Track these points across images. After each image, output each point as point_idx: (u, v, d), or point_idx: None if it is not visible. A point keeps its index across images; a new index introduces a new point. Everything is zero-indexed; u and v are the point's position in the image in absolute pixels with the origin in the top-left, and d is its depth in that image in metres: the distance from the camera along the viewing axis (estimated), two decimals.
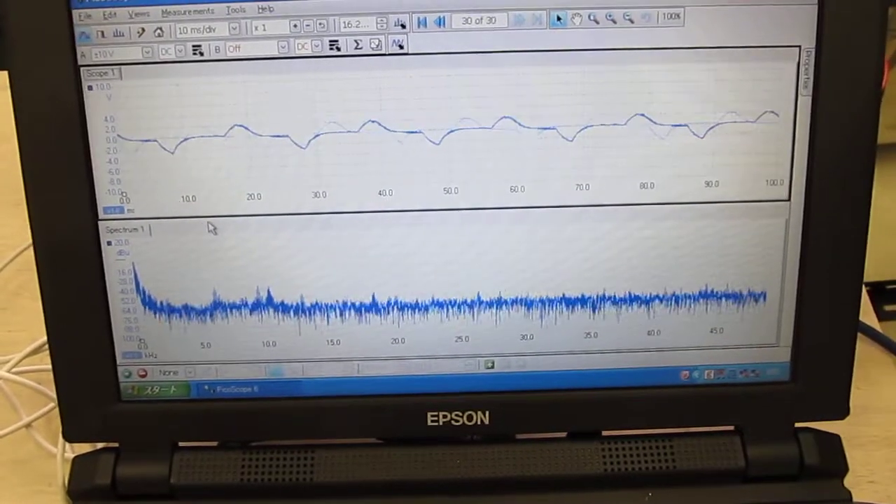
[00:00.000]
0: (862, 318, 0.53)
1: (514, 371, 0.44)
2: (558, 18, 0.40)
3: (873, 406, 0.51)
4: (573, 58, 0.40)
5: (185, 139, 0.41)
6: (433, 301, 0.43)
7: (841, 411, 0.44)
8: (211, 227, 0.42)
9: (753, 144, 0.42)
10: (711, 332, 0.44)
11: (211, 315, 0.43)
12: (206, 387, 0.44)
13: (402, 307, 0.43)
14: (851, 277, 0.43)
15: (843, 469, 0.45)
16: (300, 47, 0.40)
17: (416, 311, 0.43)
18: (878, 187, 0.42)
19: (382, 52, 0.40)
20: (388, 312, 0.43)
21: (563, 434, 0.45)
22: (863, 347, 0.53)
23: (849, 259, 0.43)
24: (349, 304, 0.43)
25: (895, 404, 0.51)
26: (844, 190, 0.42)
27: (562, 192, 0.42)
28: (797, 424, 0.45)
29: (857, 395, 0.45)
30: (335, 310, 0.43)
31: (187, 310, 0.43)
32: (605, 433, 0.45)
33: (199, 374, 0.44)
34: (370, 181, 0.42)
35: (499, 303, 0.43)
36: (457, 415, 0.44)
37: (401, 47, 0.40)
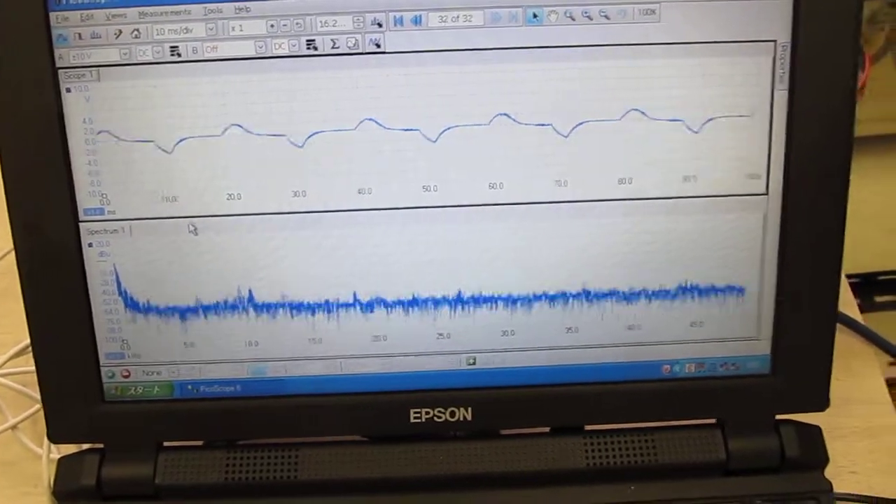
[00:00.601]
0: (844, 309, 0.53)
1: (495, 367, 0.44)
2: (535, 16, 0.40)
3: (854, 397, 0.51)
4: (550, 55, 0.41)
5: (164, 140, 0.41)
6: (414, 298, 0.43)
7: (821, 403, 0.45)
8: (192, 228, 0.42)
9: (731, 139, 0.42)
10: (692, 325, 0.44)
11: (193, 315, 0.43)
12: (190, 386, 0.44)
13: (384, 305, 0.43)
14: (830, 270, 0.43)
15: (824, 460, 0.45)
16: (277, 47, 0.40)
17: (398, 308, 0.43)
18: (868, 180, 0.42)
19: (359, 51, 0.40)
20: (370, 310, 0.43)
21: (546, 429, 0.45)
22: (844, 339, 0.53)
23: (827, 252, 0.43)
24: (330, 302, 0.43)
25: (876, 395, 0.52)
26: (822, 183, 0.42)
27: (541, 188, 0.42)
28: (778, 417, 0.45)
29: (838, 387, 0.45)
30: (317, 308, 0.43)
31: (170, 310, 0.43)
32: (587, 428, 0.45)
33: (182, 374, 0.44)
34: (350, 180, 0.42)
35: (479, 299, 0.43)
36: (439, 411, 0.44)
37: (378, 46, 0.40)
